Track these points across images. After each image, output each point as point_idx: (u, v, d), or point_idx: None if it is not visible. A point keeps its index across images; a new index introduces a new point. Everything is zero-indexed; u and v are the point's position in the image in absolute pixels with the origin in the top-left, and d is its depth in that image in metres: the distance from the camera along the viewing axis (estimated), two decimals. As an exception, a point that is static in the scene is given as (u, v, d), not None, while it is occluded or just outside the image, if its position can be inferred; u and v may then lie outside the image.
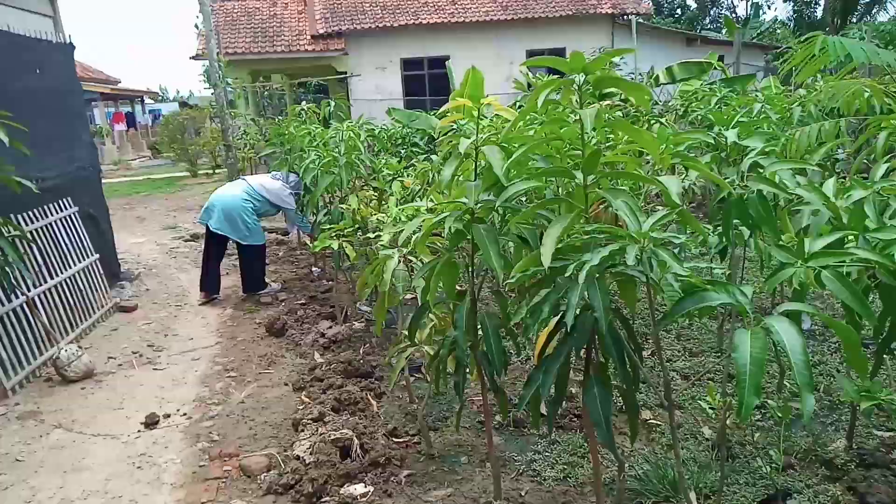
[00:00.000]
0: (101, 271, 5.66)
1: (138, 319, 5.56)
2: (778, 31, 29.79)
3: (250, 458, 3.20)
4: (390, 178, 4.75)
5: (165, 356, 4.73)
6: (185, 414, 3.77)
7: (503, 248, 2.22)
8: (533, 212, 1.89)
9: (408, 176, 4.97)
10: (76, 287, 5.18)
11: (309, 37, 18.82)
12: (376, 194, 4.94)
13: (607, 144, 2.37)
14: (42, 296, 4.69)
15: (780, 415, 2.66)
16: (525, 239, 2.20)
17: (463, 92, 7.29)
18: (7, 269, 4.13)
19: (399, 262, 2.95)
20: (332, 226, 4.42)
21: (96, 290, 5.51)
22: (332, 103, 7.61)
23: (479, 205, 2.18)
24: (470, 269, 2.34)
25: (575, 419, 3.40)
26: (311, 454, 3.12)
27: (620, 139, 2.41)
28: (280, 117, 18.85)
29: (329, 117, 7.54)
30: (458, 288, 2.46)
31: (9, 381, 4.07)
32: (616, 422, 3.35)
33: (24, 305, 4.45)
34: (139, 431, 3.60)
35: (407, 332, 2.58)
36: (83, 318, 5.15)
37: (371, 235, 4.04)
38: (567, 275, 1.53)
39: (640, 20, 20.46)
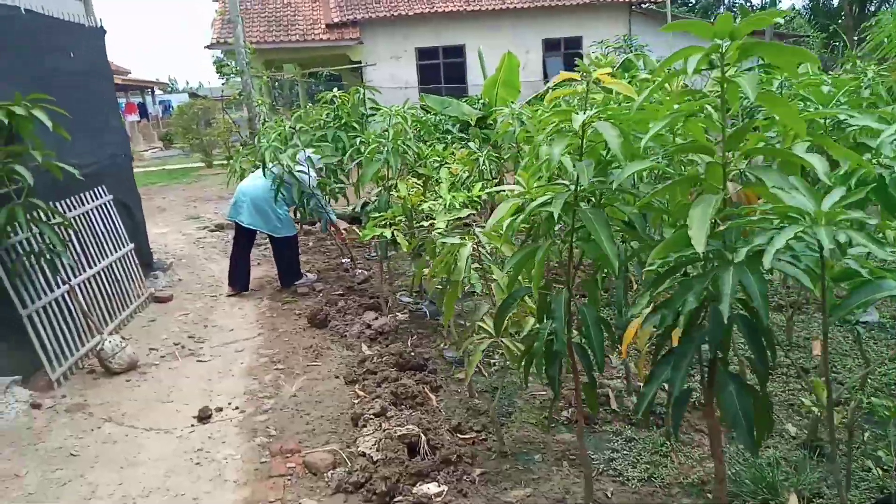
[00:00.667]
0: (137, 261, 5.54)
1: (174, 310, 5.45)
2: (794, 20, 29.37)
3: (313, 453, 3.09)
4: (437, 164, 4.60)
5: (208, 347, 4.62)
6: (237, 407, 3.66)
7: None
8: (663, 193, 1.74)
9: (454, 162, 4.83)
10: (114, 277, 5.07)
11: (324, 26, 18.64)
12: (420, 181, 4.79)
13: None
14: (82, 285, 4.58)
15: (886, 413, 2.51)
16: (632, 224, 2.07)
17: (497, 77, 7.13)
18: (51, 256, 4.02)
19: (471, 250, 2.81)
20: (380, 214, 4.28)
21: (132, 279, 5.40)
22: (362, 90, 7.46)
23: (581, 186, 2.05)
24: (566, 257, 2.19)
25: (649, 415, 3.26)
26: (377, 451, 3.00)
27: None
28: (296, 105, 18.71)
29: (359, 104, 7.40)
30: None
31: (54, 372, 3.97)
32: (690, 418, 3.23)
33: (67, 295, 4.34)
34: (192, 425, 3.48)
35: (493, 324, 2.44)
36: (121, 309, 5.04)
37: (425, 224, 3.91)
38: (738, 260, 1.39)
39: (656, 8, 20.21)
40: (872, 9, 28.86)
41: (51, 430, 3.47)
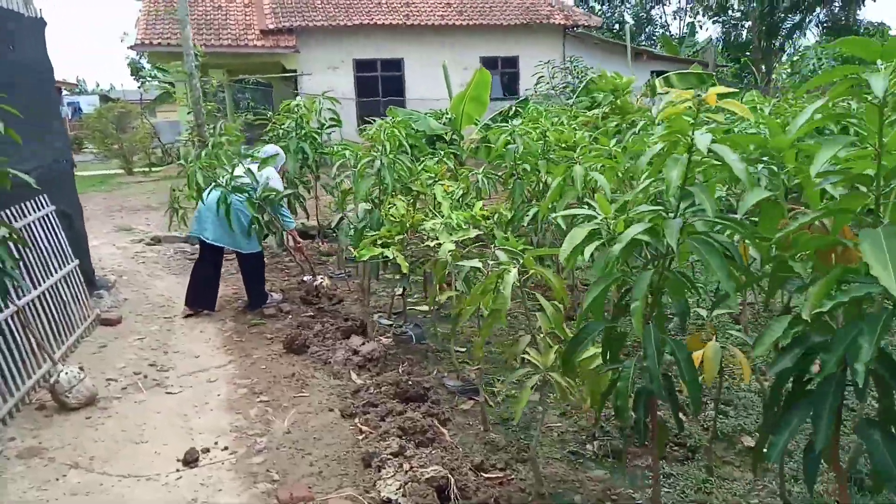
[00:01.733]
0: (81, 279, 4.97)
1: (127, 334, 4.91)
2: (706, 51, 31.18)
3: (329, 501, 2.77)
4: (431, 181, 4.37)
5: (174, 377, 4.16)
6: (225, 447, 3.27)
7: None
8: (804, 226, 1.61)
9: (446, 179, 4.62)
10: (59, 297, 4.50)
11: (258, 31, 17.98)
12: (409, 198, 4.54)
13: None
14: (26, 308, 4.02)
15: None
16: (730, 255, 1.94)
17: (466, 93, 7.01)
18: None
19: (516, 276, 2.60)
20: (376, 232, 4.00)
21: (78, 300, 4.82)
22: (322, 101, 7.15)
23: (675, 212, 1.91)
24: (657, 288, 2.03)
25: (676, 448, 3.15)
26: (404, 496, 2.72)
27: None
28: (222, 113, 17.90)
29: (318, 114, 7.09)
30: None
31: (0, 409, 3.43)
32: (715, 449, 3.14)
33: (13, 318, 3.78)
34: (178, 470, 3.07)
35: (562, 363, 2.23)
36: (68, 334, 4.48)
37: (430, 244, 3.67)
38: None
39: (586, 32, 20.83)
40: (777, 43, 31.03)
41: (5, 482, 2.95)
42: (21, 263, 4.13)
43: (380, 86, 19.33)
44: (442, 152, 5.12)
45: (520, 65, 19.90)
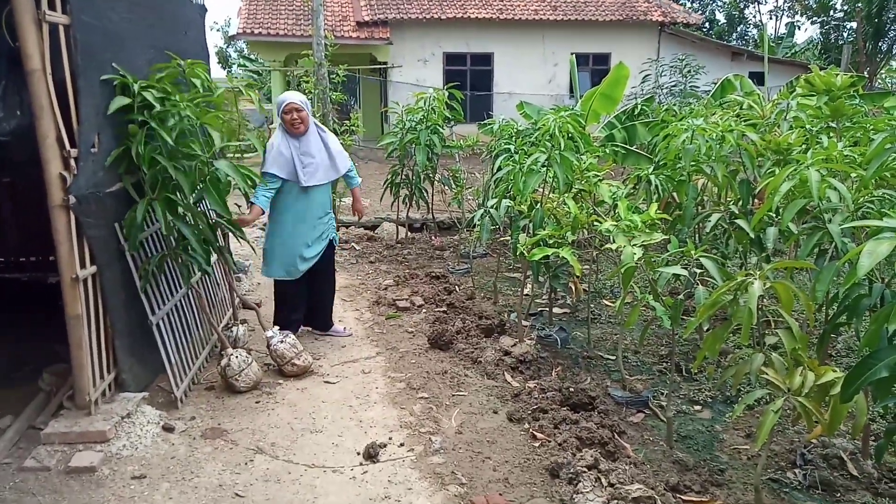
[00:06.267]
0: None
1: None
2: (805, 52, 29.76)
3: (529, 512, 2.66)
4: (596, 179, 4.21)
5: (328, 366, 4.16)
6: (402, 444, 3.21)
7: None
8: None
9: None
10: (213, 278, 4.59)
11: (353, 23, 18.17)
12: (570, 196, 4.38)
13: None
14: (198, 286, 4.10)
15: None
16: None
17: (597, 89, 6.66)
18: (185, 258, 3.56)
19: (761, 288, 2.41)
20: (545, 232, 3.87)
21: (226, 282, 4.91)
22: (446, 92, 7.09)
23: None
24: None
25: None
26: (610, 514, 2.59)
27: None
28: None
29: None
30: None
31: (178, 388, 3.49)
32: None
33: (187, 297, 3.86)
34: (361, 464, 3.03)
35: (840, 392, 2.04)
36: (221, 315, 4.56)
37: (612, 246, 3.51)
38: None
39: (685, 29, 20.12)
40: (885, 46, 29.19)
41: (198, 462, 2.99)
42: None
43: (468, 80, 19.25)
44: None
45: (611, 62, 19.39)
